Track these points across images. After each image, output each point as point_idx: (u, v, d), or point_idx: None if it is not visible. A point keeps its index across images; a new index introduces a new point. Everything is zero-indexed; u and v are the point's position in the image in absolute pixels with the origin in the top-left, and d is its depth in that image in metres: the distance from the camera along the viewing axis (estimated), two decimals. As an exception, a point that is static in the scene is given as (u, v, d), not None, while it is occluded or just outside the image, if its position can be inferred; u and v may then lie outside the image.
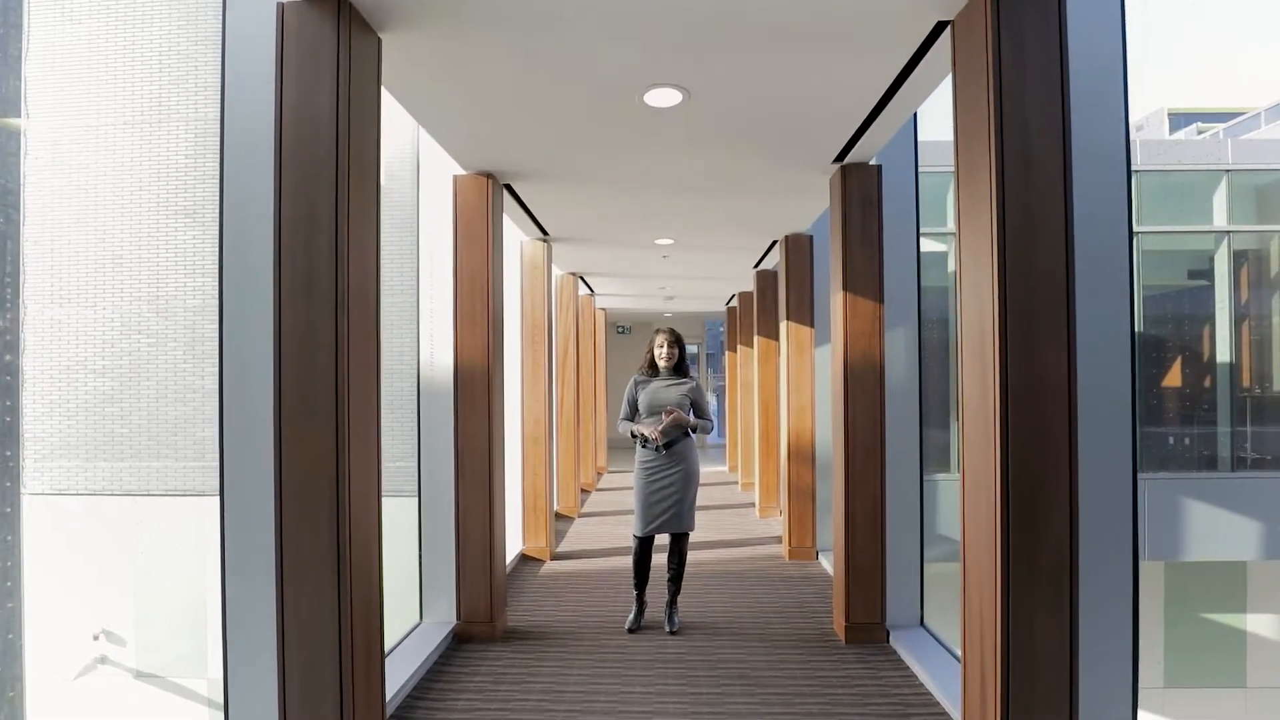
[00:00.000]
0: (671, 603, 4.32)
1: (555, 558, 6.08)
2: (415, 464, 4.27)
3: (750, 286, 9.19)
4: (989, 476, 2.22)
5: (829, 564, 5.61)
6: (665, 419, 4.06)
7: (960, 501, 2.41)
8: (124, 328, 12.35)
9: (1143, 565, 2.29)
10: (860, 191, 4.04)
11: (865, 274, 4.01)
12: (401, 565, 4.55)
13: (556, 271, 7.88)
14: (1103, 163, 2.36)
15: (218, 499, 2.43)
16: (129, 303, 12.28)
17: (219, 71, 2.41)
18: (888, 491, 4.04)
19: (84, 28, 12.18)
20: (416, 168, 4.33)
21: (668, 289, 9.43)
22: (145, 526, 10.80)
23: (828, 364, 6.00)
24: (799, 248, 5.91)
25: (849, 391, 4.00)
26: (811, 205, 5.10)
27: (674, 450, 4.20)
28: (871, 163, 4.06)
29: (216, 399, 2.39)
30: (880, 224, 4.02)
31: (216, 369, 2.41)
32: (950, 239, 9.23)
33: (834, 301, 4.18)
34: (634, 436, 4.25)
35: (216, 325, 2.41)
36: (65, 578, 11.12)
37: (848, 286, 4.02)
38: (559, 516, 7.81)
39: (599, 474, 11.01)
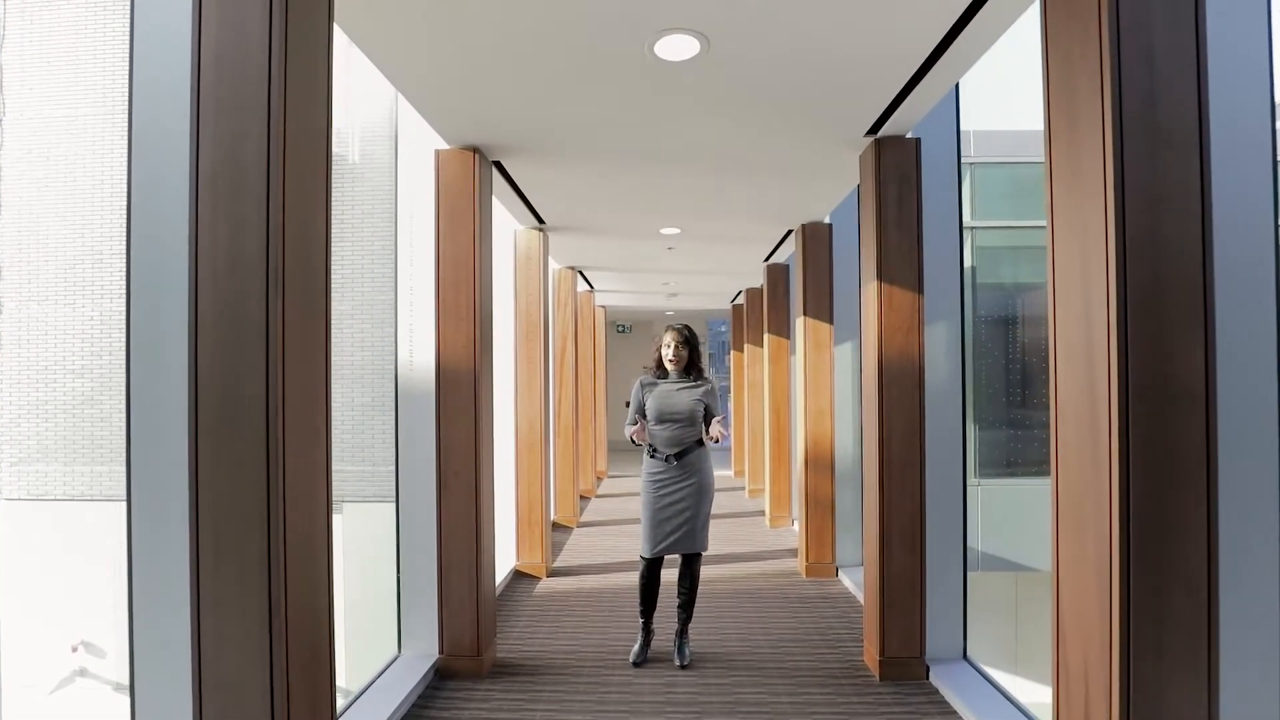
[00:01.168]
0: (682, 632, 3.85)
1: (552, 574, 5.60)
2: (395, 473, 3.79)
3: (759, 282, 8.72)
4: (1099, 504, 1.74)
5: (850, 582, 5.14)
6: (713, 435, 3.64)
7: (1053, 536, 1.93)
8: (104, 326, 11.87)
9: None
10: (897, 168, 3.56)
11: (902, 261, 3.53)
12: (383, 585, 4.07)
13: (554, 265, 7.40)
14: (1240, 127, 1.89)
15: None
16: (109, 300, 11.80)
17: None
18: (928, 507, 3.56)
19: (63, 14, 11.68)
20: (395, 142, 3.85)
21: (671, 285, 8.95)
22: (124, 532, 10.32)
23: (848, 363, 5.54)
24: (817, 237, 5.43)
25: (884, 394, 3.53)
26: (834, 188, 4.62)
27: (685, 461, 3.72)
28: (909, 136, 3.58)
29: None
30: (919, 204, 3.54)
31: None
32: (1008, 234, 8.77)
33: (865, 293, 3.70)
34: (636, 444, 3.79)
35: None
36: (42, 587, 10.64)
37: (882, 275, 3.54)
38: (557, 527, 7.33)
39: (599, 479, 10.53)
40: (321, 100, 1.96)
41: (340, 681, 2.44)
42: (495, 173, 4.10)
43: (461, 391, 3.60)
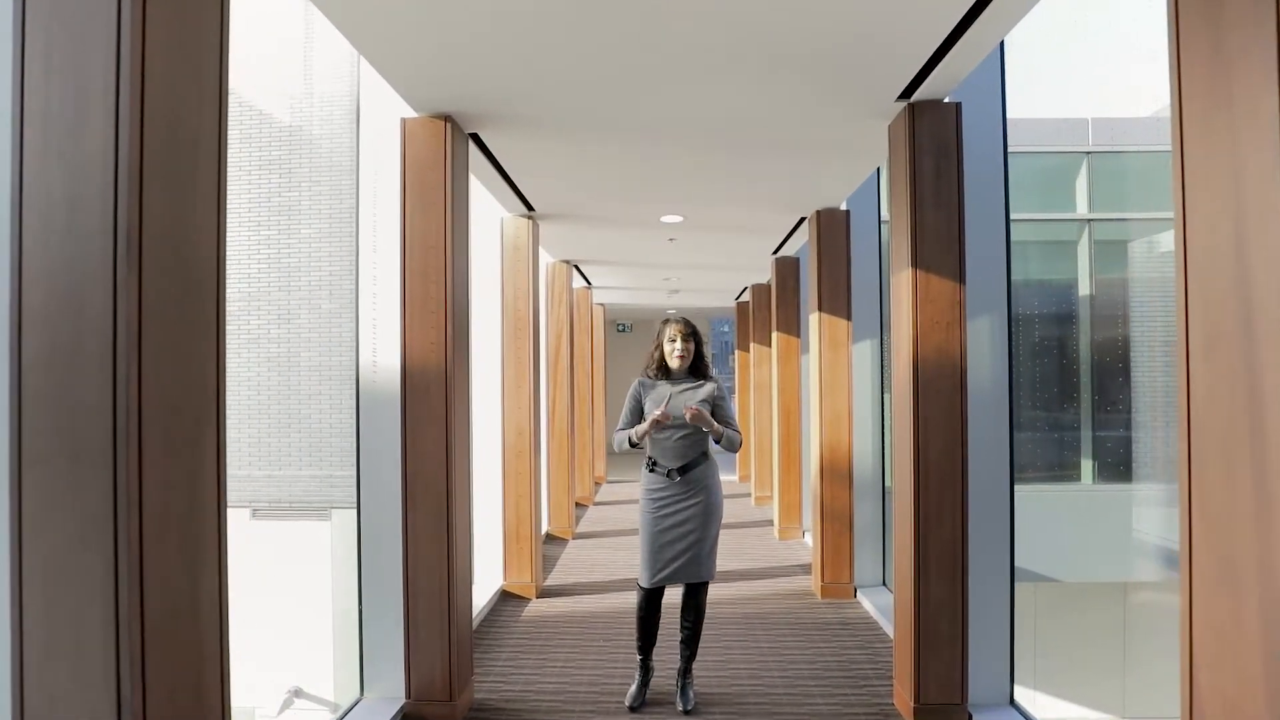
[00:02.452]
0: (685, 671, 3.36)
1: (543, 594, 5.12)
2: (356, 490, 3.32)
3: (766, 278, 8.24)
4: (1245, 517, 1.25)
5: (871, 606, 4.65)
6: (687, 416, 3.11)
7: (1184, 585, 1.45)
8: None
9: None
10: (934, 138, 3.08)
11: (941, 245, 3.05)
12: (352, 609, 3.59)
13: (547, 258, 6.92)
14: None
15: None
16: None
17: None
18: (970, 528, 3.07)
19: None
20: (357, 113, 3.37)
21: (673, 280, 8.47)
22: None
23: (867, 363, 5.05)
24: (833, 225, 4.95)
25: (919, 398, 3.04)
26: (854, 166, 4.14)
27: (691, 476, 3.24)
28: (947, 100, 3.10)
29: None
30: (960, 179, 3.06)
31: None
32: (1077, 226, 8.29)
33: (896, 283, 3.22)
34: (634, 445, 3.28)
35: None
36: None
37: (918, 262, 3.05)
38: (550, 539, 6.85)
39: (597, 484, 10.04)
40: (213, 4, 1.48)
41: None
42: (473, 148, 3.62)
43: (431, 395, 3.12)
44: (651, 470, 3.29)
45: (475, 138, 3.54)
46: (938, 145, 3.07)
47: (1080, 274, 8.38)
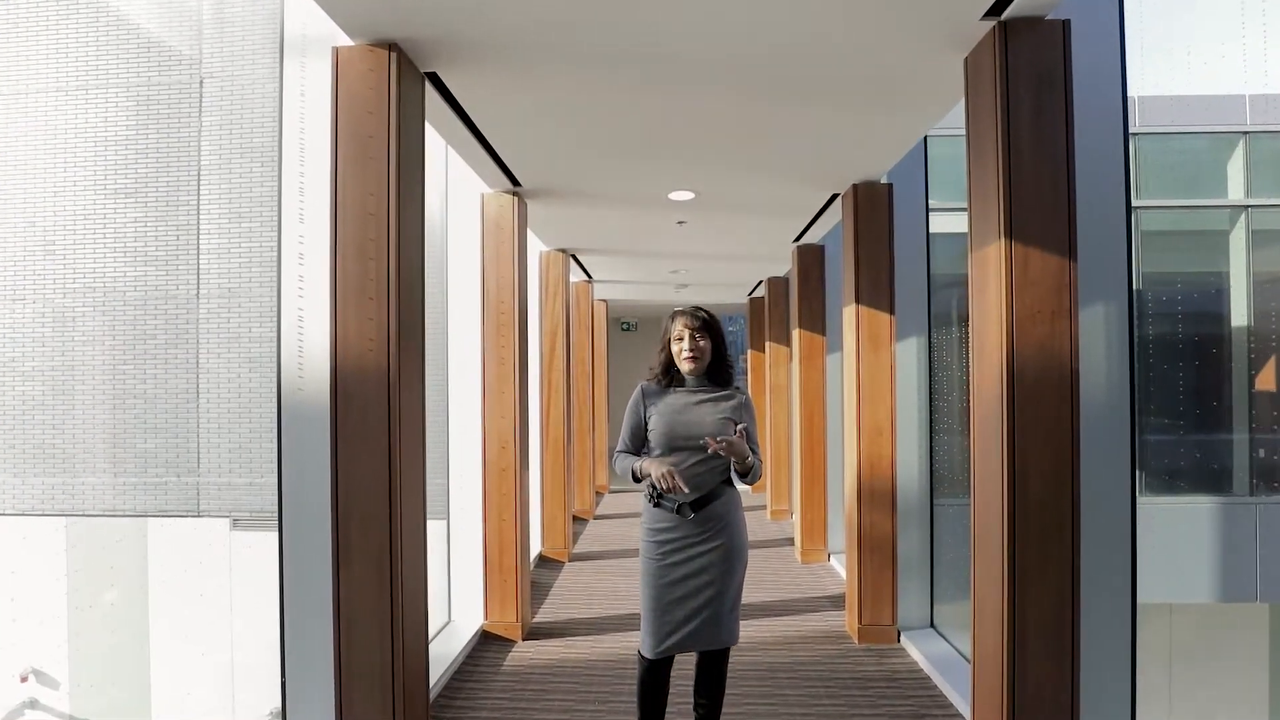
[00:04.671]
0: (702, 762, 2.61)
1: (531, 635, 4.37)
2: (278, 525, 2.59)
3: (784, 269, 7.48)
4: None
5: (920, 654, 3.89)
6: (711, 447, 2.36)
7: None
8: (56, 324, 10.76)
9: None
10: (1033, 66, 2.32)
11: (1045, 211, 2.29)
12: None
13: (541, 247, 6.18)
14: None
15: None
16: (62, 296, 10.68)
17: None
18: (1082, 587, 2.31)
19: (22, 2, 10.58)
20: (281, 45, 2.64)
21: (682, 273, 7.72)
22: (80, 552, 9.28)
23: (912, 365, 4.29)
24: (874, 202, 4.18)
25: (1014, 414, 2.28)
26: (908, 121, 3.37)
27: (709, 512, 2.49)
28: (1049, 18, 2.34)
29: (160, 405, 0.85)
30: (1070, 120, 2.30)
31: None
32: (1230, 214, 7.48)
33: (980, 262, 2.46)
34: (637, 480, 2.54)
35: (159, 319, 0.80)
36: (-14, 611, 9.52)
37: (1013, 232, 2.29)
38: (544, 561, 6.10)
39: (598, 494, 9.29)
40: None
41: None
42: (433, 94, 2.88)
43: (368, 408, 2.38)
44: (656, 504, 2.54)
45: (434, 79, 2.79)
46: (1038, 75, 2.31)
47: (1234, 266, 7.55)
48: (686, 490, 2.40)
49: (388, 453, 2.37)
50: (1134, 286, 2.42)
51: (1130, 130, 2.44)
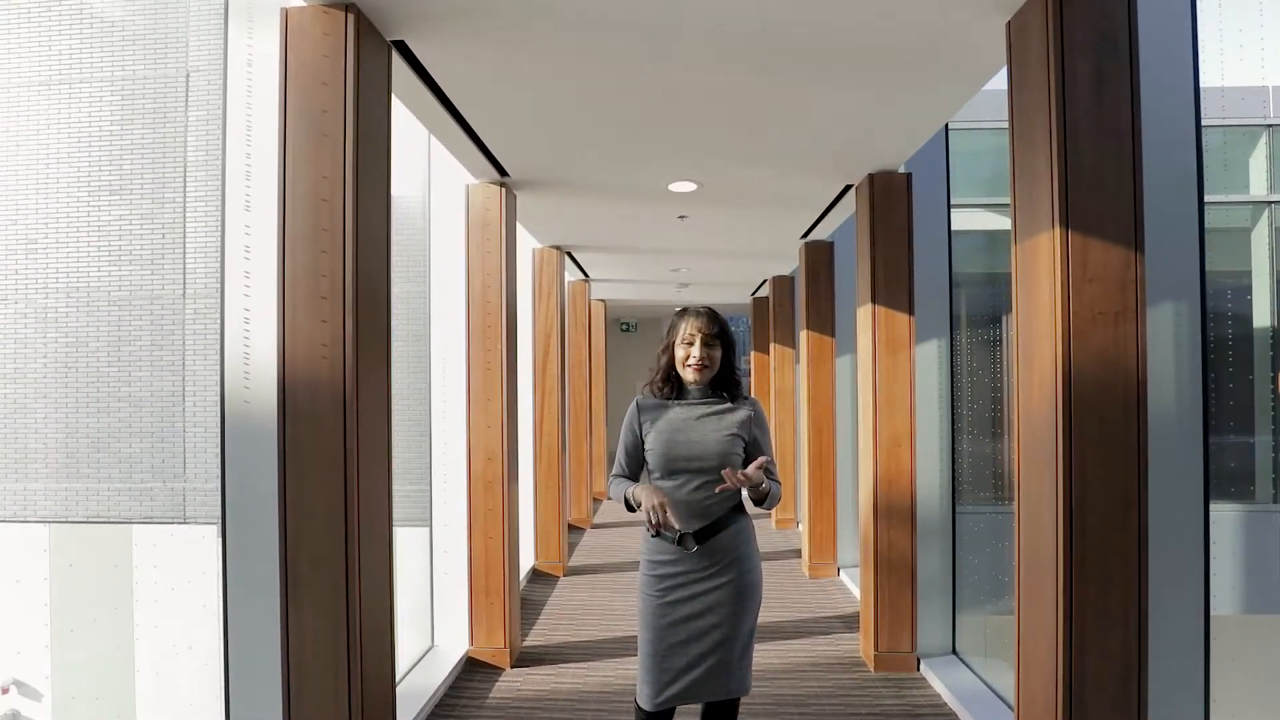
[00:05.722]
0: (707, 831, 2.28)
1: (520, 661, 4.05)
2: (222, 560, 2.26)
3: (790, 268, 7.16)
4: None
5: (943, 686, 3.57)
6: (730, 482, 2.03)
7: None
8: (38, 325, 10.47)
9: None
10: (1093, 28, 1.99)
11: (1107, 194, 1.97)
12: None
13: (533, 243, 5.86)
14: None
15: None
16: (43, 296, 10.38)
17: None
18: (1150, 633, 1.98)
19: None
20: (225, 7, 2.31)
21: (683, 272, 7.39)
22: (63, 560, 8.96)
23: (932, 370, 3.97)
24: (891, 193, 3.86)
25: (1070, 430, 1.96)
26: (935, 101, 3.04)
27: (716, 543, 2.17)
28: (1110, -27, 2.02)
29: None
30: (1136, 86, 1.97)
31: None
32: (1253, 210, 7.14)
33: (1029, 254, 2.14)
34: (632, 509, 2.21)
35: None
36: (-42, 624, 9.22)
37: (1070, 220, 1.97)
38: (537, 576, 5.78)
39: (596, 502, 8.96)
40: None
41: None
42: (402, 64, 2.55)
43: (321, 423, 2.06)
44: (656, 533, 2.21)
45: (403, 49, 2.47)
46: (1098, 38, 1.99)
47: (1256, 265, 7.21)
48: (678, 526, 2.08)
49: (343, 480, 2.04)
50: (1206, 281, 2.10)
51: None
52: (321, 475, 2.05)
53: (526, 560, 5.83)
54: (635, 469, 2.28)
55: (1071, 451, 1.96)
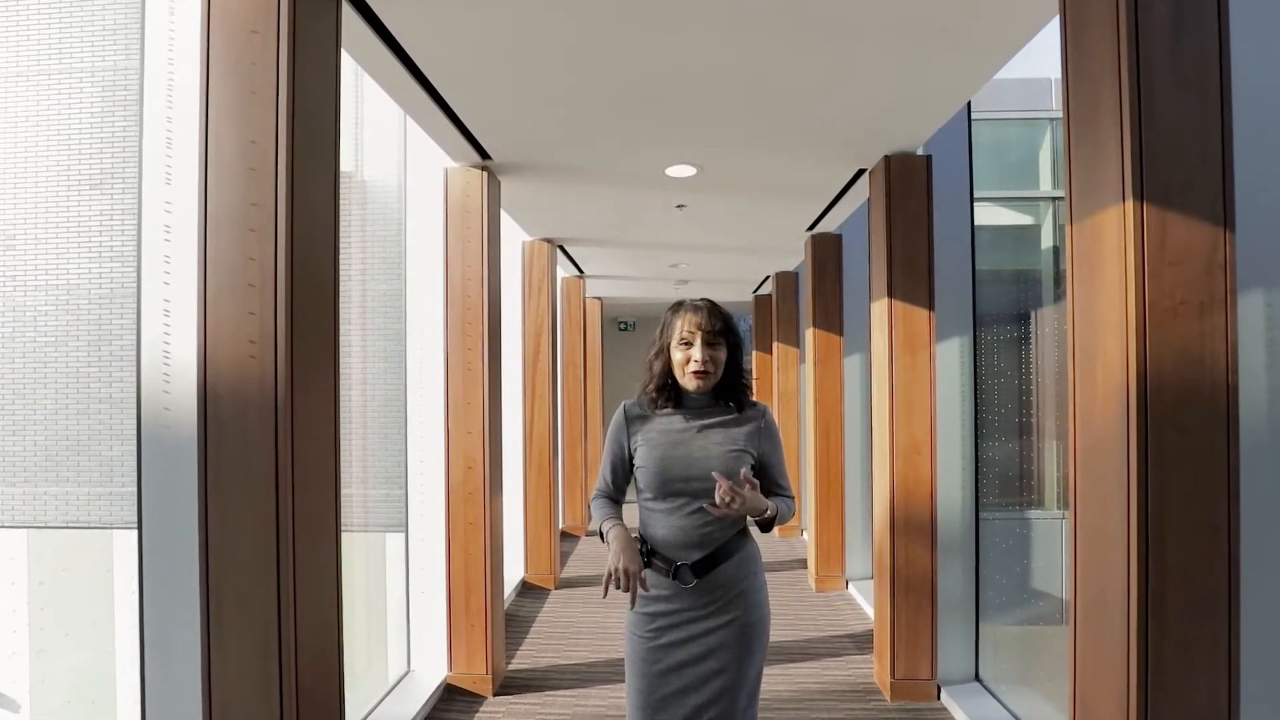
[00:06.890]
0: None
1: (505, 687, 3.72)
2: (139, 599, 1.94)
3: (794, 263, 6.82)
4: None
5: (965, 716, 3.24)
6: (733, 504, 1.70)
7: None
8: (16, 323, 10.15)
9: None
10: (1170, -41, 1.66)
11: (1189, 163, 1.64)
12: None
13: (522, 236, 5.53)
14: None
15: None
16: (22, 293, 10.06)
17: None
18: (1240, 664, 1.65)
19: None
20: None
21: (682, 268, 7.06)
22: (42, 567, 8.62)
23: (954, 372, 3.63)
24: (909, 177, 3.53)
25: (1146, 443, 1.63)
26: (964, 67, 2.71)
27: (717, 576, 1.85)
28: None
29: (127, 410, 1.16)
30: (1223, 28, 1.64)
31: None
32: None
33: (1090, 235, 1.80)
34: (606, 540, 1.88)
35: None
36: (-69, 634, 8.89)
37: (1144, 193, 1.64)
38: (526, 589, 5.45)
39: (589, 506, 8.61)
40: None
41: None
42: (360, 22, 2.22)
43: (248, 433, 1.73)
44: (647, 562, 1.88)
45: (363, 7, 2.13)
46: (1180, -26, 1.65)
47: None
48: (647, 590, 1.76)
49: (274, 501, 1.71)
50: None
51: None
52: (249, 496, 1.72)
53: (515, 573, 5.50)
54: (622, 486, 1.95)
55: (1147, 469, 1.63)
